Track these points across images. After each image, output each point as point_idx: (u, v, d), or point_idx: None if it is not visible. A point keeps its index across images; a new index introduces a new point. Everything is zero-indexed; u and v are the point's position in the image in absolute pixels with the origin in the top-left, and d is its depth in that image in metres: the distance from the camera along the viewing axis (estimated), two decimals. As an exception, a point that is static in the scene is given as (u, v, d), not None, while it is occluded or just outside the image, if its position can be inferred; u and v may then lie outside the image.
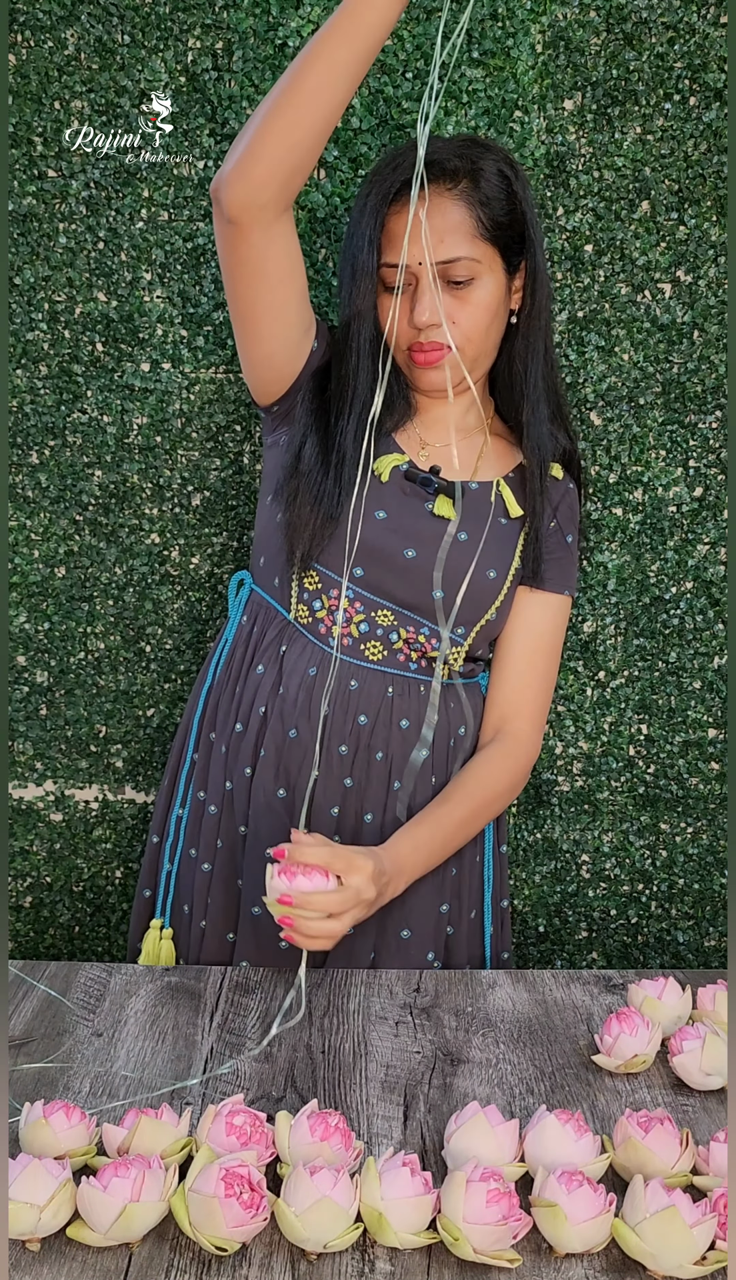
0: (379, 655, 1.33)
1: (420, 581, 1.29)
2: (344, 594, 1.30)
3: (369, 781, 1.34)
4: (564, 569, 1.38)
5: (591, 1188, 0.86)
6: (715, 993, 1.14)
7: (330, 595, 1.31)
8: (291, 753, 1.33)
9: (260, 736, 1.35)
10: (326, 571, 1.31)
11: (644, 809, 1.67)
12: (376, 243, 1.23)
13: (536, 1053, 1.11)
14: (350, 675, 1.32)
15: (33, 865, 1.71)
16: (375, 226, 1.23)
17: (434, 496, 1.30)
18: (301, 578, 1.32)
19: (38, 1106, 0.94)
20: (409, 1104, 1.04)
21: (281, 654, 1.34)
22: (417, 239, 1.18)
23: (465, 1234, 0.84)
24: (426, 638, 1.32)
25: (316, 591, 1.32)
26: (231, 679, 1.39)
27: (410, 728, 1.34)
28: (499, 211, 1.24)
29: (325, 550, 1.29)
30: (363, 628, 1.32)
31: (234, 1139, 0.92)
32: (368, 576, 1.30)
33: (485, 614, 1.34)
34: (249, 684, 1.36)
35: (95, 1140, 0.95)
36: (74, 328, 1.51)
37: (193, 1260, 0.86)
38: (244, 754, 1.36)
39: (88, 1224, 0.87)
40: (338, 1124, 0.93)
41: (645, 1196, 0.85)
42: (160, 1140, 0.93)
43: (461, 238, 1.22)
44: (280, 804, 1.34)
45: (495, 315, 1.27)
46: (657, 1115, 0.94)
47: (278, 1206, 0.86)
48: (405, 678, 1.34)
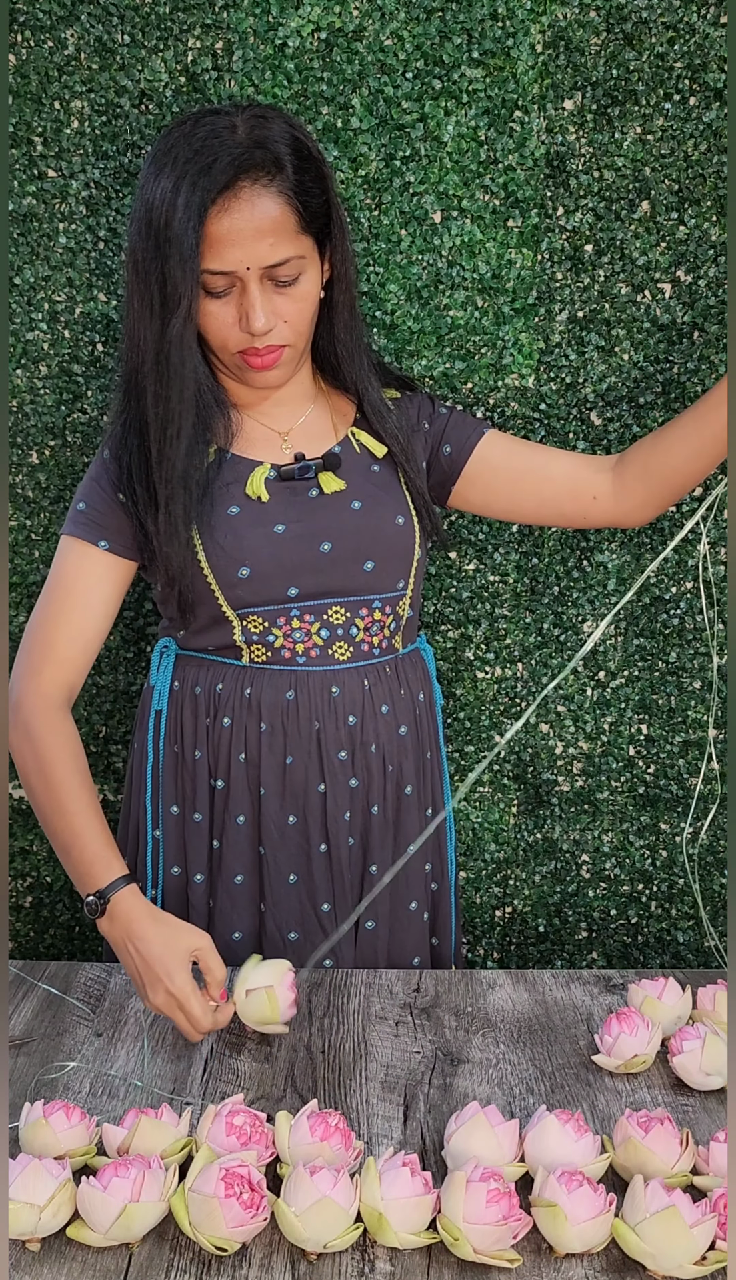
0: (347, 654, 1.32)
1: (348, 564, 1.29)
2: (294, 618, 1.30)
3: (370, 776, 1.35)
4: (467, 421, 1.38)
5: (591, 1188, 0.86)
6: (715, 993, 1.14)
7: (277, 623, 1.29)
8: (294, 778, 1.32)
9: (253, 779, 1.33)
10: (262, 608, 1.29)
11: (644, 809, 1.67)
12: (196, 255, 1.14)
13: (536, 1053, 1.11)
14: (329, 683, 1.31)
15: (33, 865, 1.71)
16: (196, 236, 1.13)
17: (315, 479, 1.30)
18: (244, 625, 1.29)
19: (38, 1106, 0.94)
20: (409, 1104, 1.04)
21: (247, 697, 1.32)
22: (240, 241, 1.14)
23: (465, 1234, 0.84)
24: (380, 610, 1.33)
25: (265, 629, 1.30)
26: (185, 746, 1.36)
27: (389, 711, 1.35)
28: (313, 200, 1.18)
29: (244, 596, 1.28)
30: (323, 634, 1.31)
31: (234, 1139, 0.92)
32: (303, 590, 1.29)
33: (413, 556, 1.34)
34: (214, 742, 1.34)
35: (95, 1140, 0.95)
36: (74, 328, 1.51)
37: (193, 1260, 0.86)
38: (234, 805, 1.34)
39: (88, 1224, 0.87)
40: (337, 1124, 0.93)
41: (645, 1196, 0.85)
42: (160, 1140, 0.93)
43: (286, 237, 1.16)
44: (293, 830, 1.34)
45: (317, 300, 1.24)
46: (657, 1115, 0.94)
47: (278, 1206, 0.86)
48: (374, 665, 1.34)
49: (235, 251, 1.15)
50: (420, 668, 1.42)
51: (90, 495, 1.29)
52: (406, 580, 1.35)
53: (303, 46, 1.40)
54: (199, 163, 1.13)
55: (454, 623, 1.60)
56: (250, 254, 1.15)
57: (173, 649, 1.38)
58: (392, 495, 1.33)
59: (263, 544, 1.27)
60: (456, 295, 1.49)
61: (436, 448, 1.37)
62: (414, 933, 1.41)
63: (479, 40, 1.40)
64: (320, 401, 1.35)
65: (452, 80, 1.41)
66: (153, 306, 1.18)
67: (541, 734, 1.65)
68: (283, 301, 1.20)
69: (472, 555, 1.59)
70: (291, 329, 1.22)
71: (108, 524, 1.27)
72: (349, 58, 1.41)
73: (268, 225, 1.15)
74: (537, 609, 1.60)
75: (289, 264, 1.17)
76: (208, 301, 1.19)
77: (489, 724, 1.65)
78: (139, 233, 1.18)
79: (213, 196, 1.13)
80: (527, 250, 1.47)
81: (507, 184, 1.45)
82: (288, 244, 1.17)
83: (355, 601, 1.32)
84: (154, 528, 1.25)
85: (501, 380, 1.52)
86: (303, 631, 1.30)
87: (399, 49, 1.41)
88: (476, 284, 1.48)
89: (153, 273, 1.16)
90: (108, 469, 1.28)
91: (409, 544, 1.34)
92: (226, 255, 1.15)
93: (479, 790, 1.67)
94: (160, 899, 1.39)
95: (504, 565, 1.58)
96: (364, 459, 1.33)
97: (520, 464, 1.36)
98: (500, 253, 1.47)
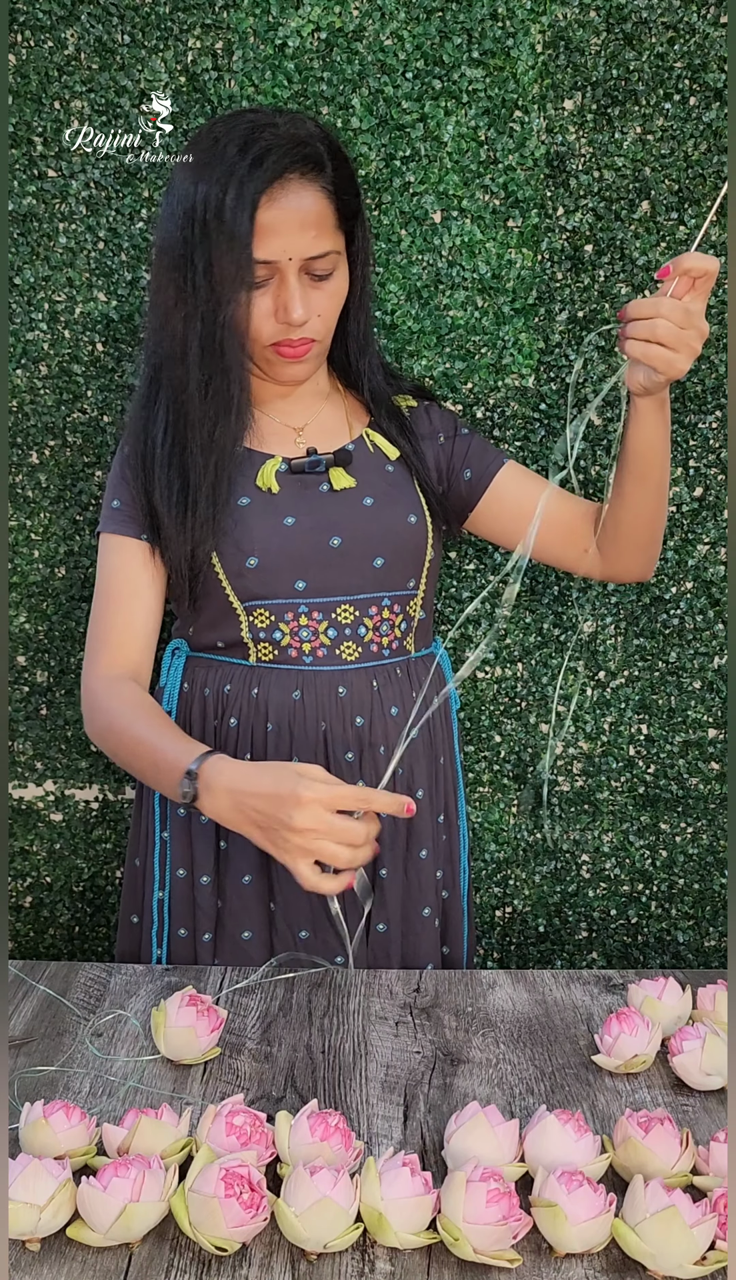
0: (355, 654, 1.32)
1: (358, 560, 1.30)
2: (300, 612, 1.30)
3: (377, 778, 1.34)
4: (488, 450, 1.39)
5: (591, 1188, 0.86)
6: (715, 993, 1.14)
7: (285, 619, 1.30)
8: None
9: None
10: (269, 601, 1.29)
11: (644, 809, 1.67)
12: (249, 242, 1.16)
13: (536, 1053, 1.11)
14: (336, 684, 1.31)
15: (33, 865, 1.71)
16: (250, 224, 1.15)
17: (326, 474, 1.30)
18: (250, 619, 1.30)
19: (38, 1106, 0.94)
20: (409, 1104, 1.04)
21: (255, 697, 1.32)
22: (286, 231, 1.16)
23: (465, 1234, 0.84)
24: (389, 609, 1.33)
25: (272, 624, 1.30)
26: None
27: (399, 713, 1.34)
28: (348, 198, 1.22)
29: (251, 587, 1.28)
30: (331, 634, 1.31)
31: (234, 1139, 0.92)
32: (311, 585, 1.29)
33: (425, 556, 1.35)
34: (223, 742, 1.34)
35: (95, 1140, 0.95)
36: (74, 328, 1.51)
37: (193, 1260, 0.86)
38: None
39: (88, 1224, 0.87)
40: (338, 1124, 0.93)
41: (645, 1196, 0.85)
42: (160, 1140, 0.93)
43: (326, 230, 1.20)
44: None
45: (344, 297, 1.26)
46: (657, 1115, 0.94)
47: (278, 1206, 0.86)
48: (383, 666, 1.34)
49: (279, 241, 1.17)
50: (435, 672, 1.41)
51: (121, 492, 1.31)
52: (418, 580, 1.35)
53: (303, 46, 1.40)
54: (251, 155, 1.16)
55: (454, 623, 1.60)
56: (294, 244, 1.17)
57: (184, 650, 1.38)
58: (406, 494, 1.34)
59: (271, 535, 1.27)
60: (456, 295, 1.49)
61: (457, 470, 1.38)
62: (426, 938, 1.40)
63: (479, 40, 1.40)
64: (334, 400, 1.37)
65: (452, 80, 1.41)
66: (196, 298, 1.20)
67: (541, 734, 1.65)
68: (318, 295, 1.22)
69: (473, 555, 1.59)
70: (323, 323, 1.24)
71: (142, 519, 1.30)
72: (349, 58, 1.41)
73: (312, 218, 1.18)
74: (537, 609, 1.60)
75: (327, 258, 1.20)
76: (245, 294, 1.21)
77: (489, 724, 1.65)
78: (179, 225, 1.19)
79: (264, 187, 1.16)
80: (527, 250, 1.47)
81: (507, 184, 1.45)
82: (327, 238, 1.20)
83: (364, 600, 1.31)
84: (181, 518, 1.26)
85: (501, 380, 1.52)
86: (310, 630, 1.30)
87: (399, 49, 1.41)
88: (476, 284, 1.48)
89: (197, 263, 1.18)
90: (131, 464, 1.30)
91: (421, 542, 1.34)
92: (271, 245, 1.17)
93: (479, 790, 1.67)
94: (168, 900, 1.39)
95: (504, 565, 1.58)
96: (378, 459, 1.34)
97: (528, 502, 1.36)
98: (500, 253, 1.47)
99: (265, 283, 1.20)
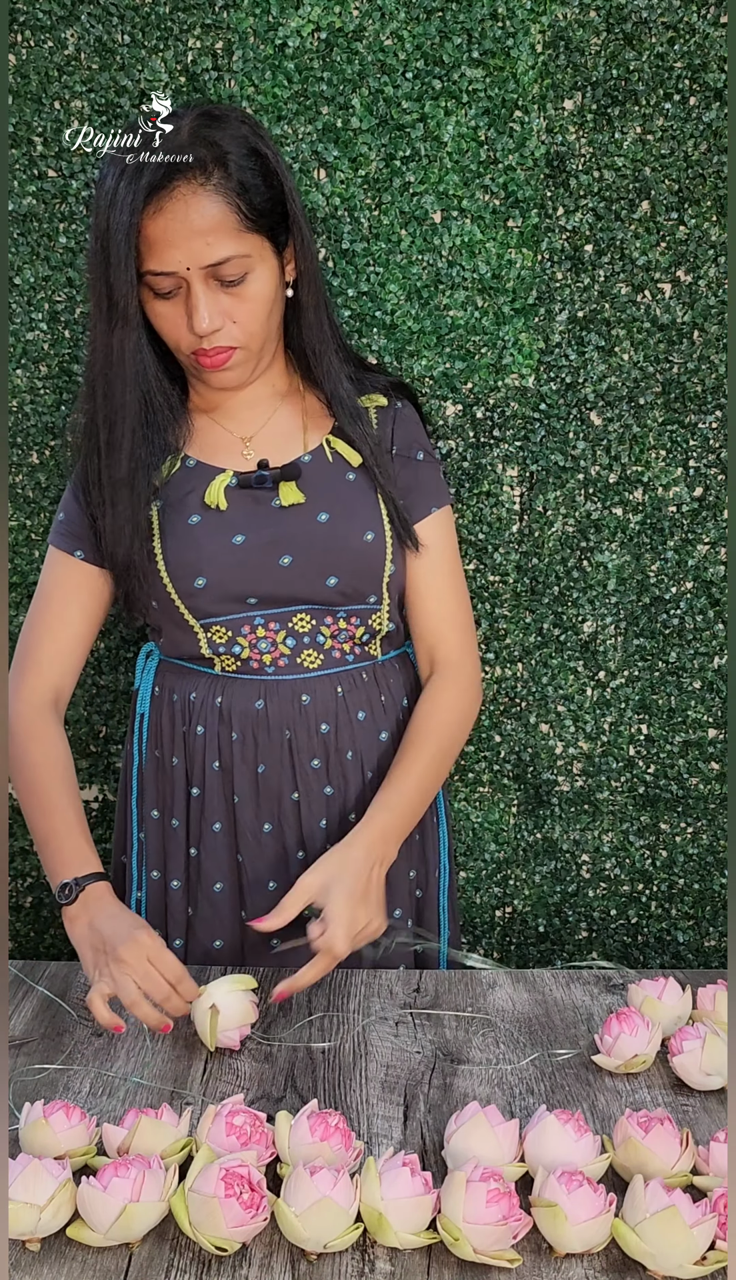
0: (317, 662, 1.31)
1: (311, 579, 1.27)
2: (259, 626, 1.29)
3: (347, 783, 1.34)
4: (426, 488, 1.34)
5: (591, 1188, 0.86)
6: (715, 993, 1.14)
7: (241, 632, 1.29)
8: (267, 786, 1.32)
9: (227, 787, 1.33)
10: (223, 618, 1.28)
11: (644, 809, 1.67)
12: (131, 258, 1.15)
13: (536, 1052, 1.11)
14: (299, 692, 1.30)
15: (33, 865, 1.71)
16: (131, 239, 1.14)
17: (275, 489, 1.27)
18: (208, 636, 1.29)
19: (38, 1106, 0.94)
20: (409, 1104, 1.04)
21: (219, 706, 1.31)
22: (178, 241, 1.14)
23: (465, 1234, 0.84)
24: (346, 620, 1.30)
25: (230, 639, 1.29)
26: (164, 752, 1.37)
27: (367, 717, 1.34)
28: (259, 198, 1.17)
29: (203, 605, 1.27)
30: (290, 643, 1.29)
31: (234, 1139, 0.92)
32: (263, 598, 1.28)
33: (384, 573, 1.30)
34: (190, 749, 1.34)
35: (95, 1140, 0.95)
36: (74, 328, 1.51)
37: (193, 1260, 0.86)
38: (210, 812, 1.34)
39: (88, 1224, 0.87)
40: (338, 1124, 0.93)
41: (645, 1196, 0.85)
42: (160, 1140, 0.93)
43: (225, 235, 1.15)
44: (269, 838, 1.33)
45: (274, 301, 1.23)
46: (657, 1115, 0.94)
47: (278, 1206, 0.86)
48: (348, 672, 1.33)
49: (173, 252, 1.15)
50: (406, 673, 1.40)
51: (67, 505, 1.31)
52: (378, 595, 1.31)
53: (303, 46, 1.40)
54: (133, 166, 1.14)
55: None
56: (188, 254, 1.15)
57: (156, 654, 1.38)
58: (364, 507, 1.30)
59: (220, 554, 1.26)
60: (456, 295, 1.49)
61: None
62: None
63: (479, 40, 1.40)
64: (291, 403, 1.33)
65: (452, 80, 1.41)
66: (102, 309, 1.19)
67: (541, 734, 1.65)
68: (231, 302, 1.19)
69: (472, 555, 1.59)
70: (242, 329, 1.21)
71: (83, 534, 1.29)
72: (349, 58, 1.41)
73: (204, 224, 1.15)
74: (537, 609, 1.60)
75: (230, 263, 1.16)
76: (158, 303, 1.20)
77: (489, 724, 1.65)
78: (91, 236, 1.19)
79: (145, 198, 1.14)
80: (527, 250, 1.47)
81: (507, 184, 1.45)
82: (228, 243, 1.16)
83: (320, 610, 1.30)
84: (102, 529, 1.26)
85: (501, 380, 1.52)
86: (268, 641, 1.29)
87: (399, 49, 1.41)
88: (476, 284, 1.48)
89: (100, 276, 1.18)
90: (78, 477, 1.30)
91: (377, 561, 1.30)
92: (165, 256, 1.15)
93: (479, 790, 1.67)
94: (144, 901, 1.39)
95: (504, 565, 1.58)
96: (338, 467, 1.31)
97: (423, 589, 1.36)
98: (500, 253, 1.47)
99: (174, 292, 1.18)
